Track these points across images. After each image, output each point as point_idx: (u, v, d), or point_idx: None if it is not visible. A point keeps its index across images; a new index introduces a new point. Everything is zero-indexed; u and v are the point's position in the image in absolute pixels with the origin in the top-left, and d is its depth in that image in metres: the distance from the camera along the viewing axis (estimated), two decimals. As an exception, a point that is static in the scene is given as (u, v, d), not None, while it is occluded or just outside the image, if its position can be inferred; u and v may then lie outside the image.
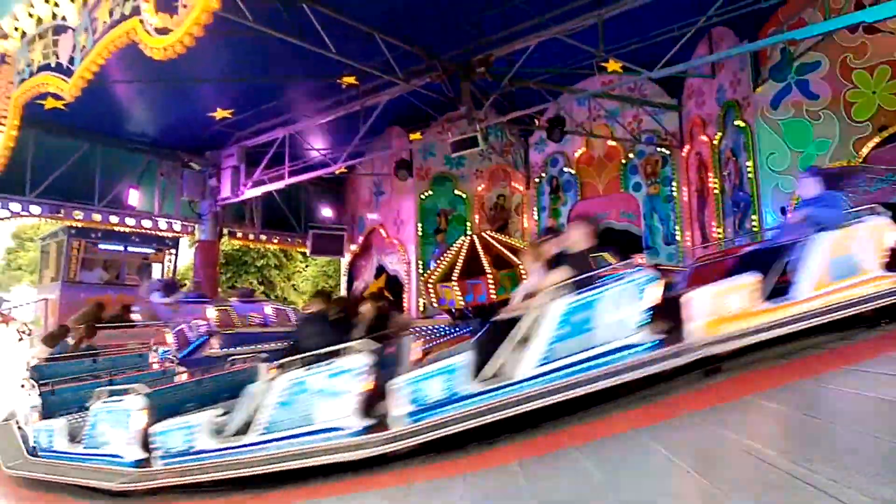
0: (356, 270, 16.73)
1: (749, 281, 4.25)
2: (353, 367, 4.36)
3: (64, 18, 6.80)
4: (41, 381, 6.63)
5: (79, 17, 6.61)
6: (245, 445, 4.64)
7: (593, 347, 4.05)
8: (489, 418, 4.01)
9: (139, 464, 5.15)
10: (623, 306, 4.05)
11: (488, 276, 10.30)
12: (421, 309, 13.93)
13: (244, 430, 4.73)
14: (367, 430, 4.32)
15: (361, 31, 8.95)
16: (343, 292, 17.40)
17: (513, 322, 4.37)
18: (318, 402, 4.42)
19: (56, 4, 6.82)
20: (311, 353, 4.64)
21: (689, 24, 8.56)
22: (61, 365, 7.51)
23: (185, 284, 15.74)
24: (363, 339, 4.63)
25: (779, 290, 4.42)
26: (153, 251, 15.25)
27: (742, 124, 9.49)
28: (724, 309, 4.12)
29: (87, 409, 5.99)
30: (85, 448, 5.68)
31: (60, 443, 5.93)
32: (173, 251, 15.51)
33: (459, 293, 10.46)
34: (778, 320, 4.17)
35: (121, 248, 14.71)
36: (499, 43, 9.85)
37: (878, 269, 4.45)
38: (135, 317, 11.87)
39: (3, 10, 7.52)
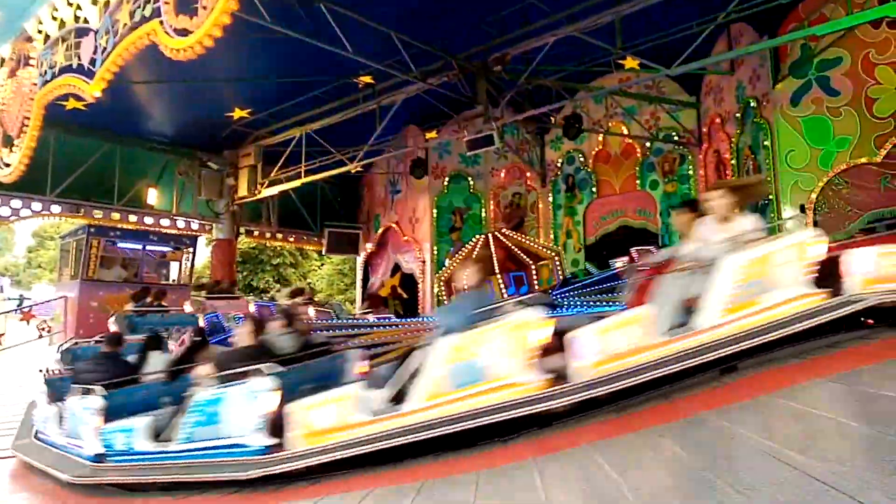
0: (371, 269, 16.78)
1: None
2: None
3: (86, 21, 6.89)
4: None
5: (100, 19, 6.69)
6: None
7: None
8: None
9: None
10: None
11: (497, 275, 10.27)
12: (436, 307, 13.95)
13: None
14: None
15: (378, 31, 8.98)
16: (358, 290, 17.48)
17: None
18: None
19: (78, 7, 6.92)
20: None
21: (708, 21, 8.48)
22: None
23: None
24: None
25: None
26: (171, 250, 15.40)
27: (761, 121, 9.40)
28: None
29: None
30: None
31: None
32: (191, 250, 15.65)
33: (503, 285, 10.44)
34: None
35: (139, 246, 14.87)
36: (515, 41, 9.84)
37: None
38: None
39: (28, 14, 7.63)
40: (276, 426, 4.55)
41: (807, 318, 3.94)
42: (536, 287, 10.35)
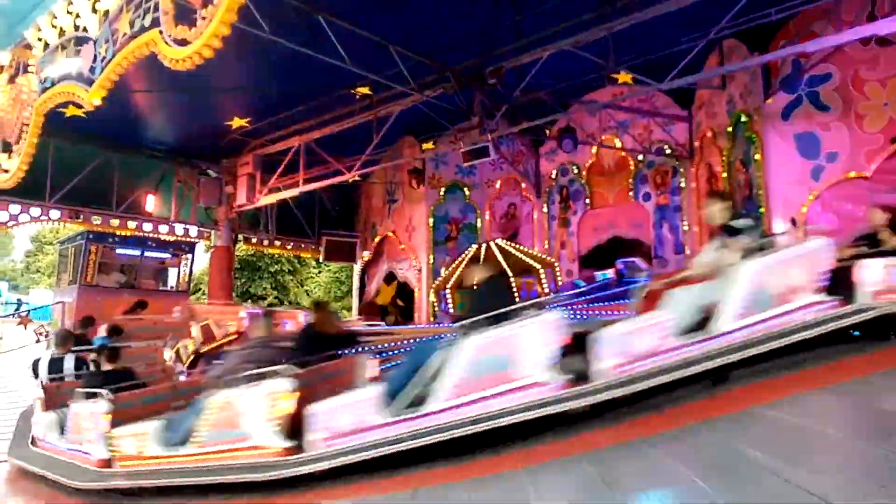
0: (368, 277, 16.86)
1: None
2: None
3: (85, 30, 6.99)
4: None
5: (100, 28, 6.80)
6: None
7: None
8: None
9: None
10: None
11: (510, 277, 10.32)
12: (431, 316, 14.01)
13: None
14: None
15: (376, 43, 9.10)
16: (355, 298, 17.54)
17: None
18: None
19: (78, 16, 7.02)
20: None
21: (700, 36, 8.60)
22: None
23: None
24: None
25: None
26: (169, 256, 15.47)
27: (752, 135, 9.50)
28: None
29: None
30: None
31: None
32: (189, 256, 15.73)
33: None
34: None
35: (138, 252, 14.94)
36: (510, 55, 9.96)
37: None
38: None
39: (27, 21, 7.74)
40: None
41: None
42: (545, 292, 10.47)
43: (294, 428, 4.42)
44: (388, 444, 4.07)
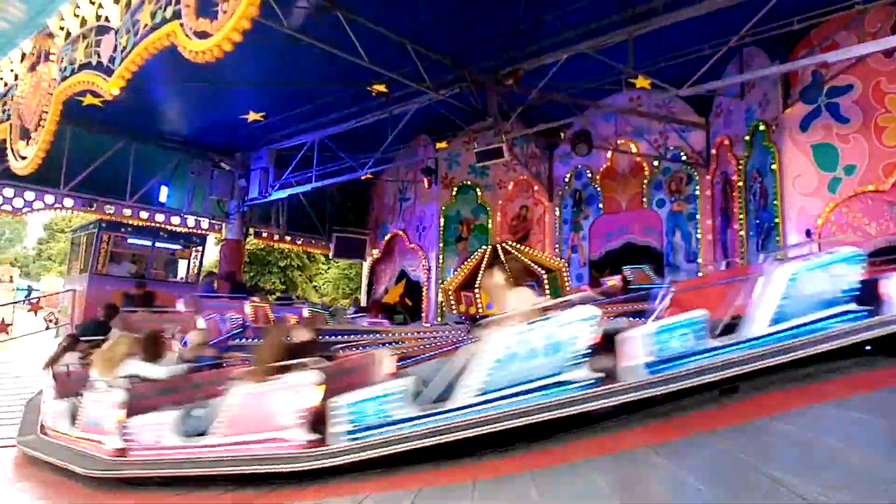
0: (377, 275, 16.87)
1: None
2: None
3: (107, 19, 7.00)
4: None
5: (121, 18, 6.81)
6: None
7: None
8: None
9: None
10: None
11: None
12: (439, 316, 14.01)
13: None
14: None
15: (393, 41, 9.10)
16: (364, 295, 17.55)
17: None
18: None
19: (100, 6, 7.03)
20: None
21: (720, 43, 8.55)
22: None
23: None
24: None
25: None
26: (180, 247, 15.52)
27: (770, 145, 9.44)
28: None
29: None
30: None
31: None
32: (200, 248, 15.76)
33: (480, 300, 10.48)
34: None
35: (149, 242, 14.99)
36: (528, 56, 9.94)
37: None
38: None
39: (50, 10, 7.77)
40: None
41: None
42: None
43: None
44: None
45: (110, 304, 10.34)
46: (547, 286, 10.17)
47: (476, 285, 10.48)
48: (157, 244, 15.11)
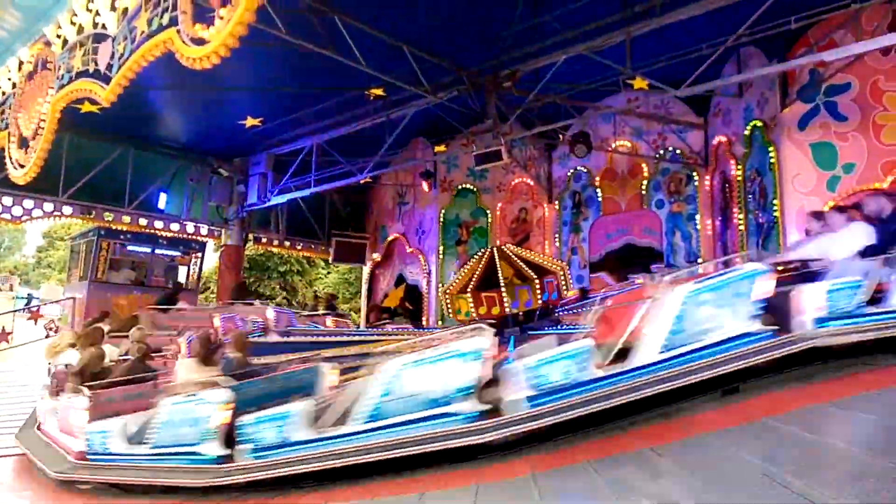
0: (377, 279, 16.85)
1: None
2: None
3: (104, 27, 7.00)
4: None
5: (118, 26, 6.81)
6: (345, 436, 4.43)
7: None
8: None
9: (222, 460, 4.83)
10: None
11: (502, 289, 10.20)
12: (440, 320, 13.99)
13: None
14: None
15: (390, 44, 9.09)
16: (364, 300, 17.53)
17: None
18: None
19: (97, 13, 7.03)
20: None
21: (718, 43, 8.54)
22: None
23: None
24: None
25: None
26: (180, 254, 15.51)
27: (768, 144, 9.43)
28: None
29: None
30: (152, 448, 5.24)
31: (117, 445, 5.47)
32: (199, 255, 15.76)
33: (473, 304, 10.39)
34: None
35: (149, 249, 15.00)
36: (526, 58, 9.94)
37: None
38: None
39: (47, 18, 7.77)
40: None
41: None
42: (540, 301, 10.30)
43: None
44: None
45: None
46: (538, 292, 10.11)
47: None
48: (157, 251, 15.11)
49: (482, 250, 11.70)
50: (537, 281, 10.10)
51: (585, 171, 13.74)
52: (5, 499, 5.94)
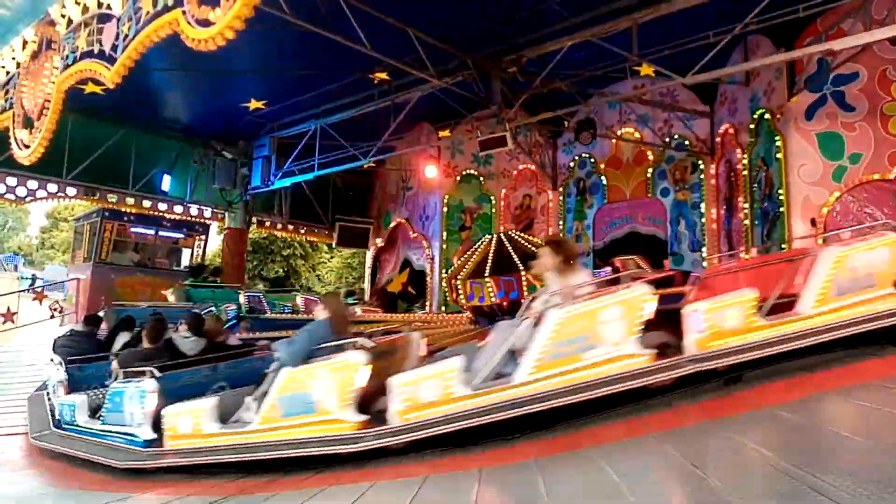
0: (380, 263, 16.88)
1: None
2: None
3: (109, 7, 6.98)
4: None
5: (123, 6, 6.79)
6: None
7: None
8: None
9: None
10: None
11: (522, 273, 10.21)
12: (442, 305, 14.01)
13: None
14: None
15: (396, 28, 9.03)
16: (367, 284, 17.58)
17: None
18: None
19: (102, -7, 7.02)
20: None
21: (725, 31, 8.49)
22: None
23: None
24: None
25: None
26: (183, 236, 15.56)
27: (775, 134, 9.38)
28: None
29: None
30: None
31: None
32: (203, 237, 15.81)
33: (493, 289, 10.40)
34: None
35: (152, 231, 15.04)
36: (532, 43, 9.87)
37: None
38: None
39: (51, -2, 7.76)
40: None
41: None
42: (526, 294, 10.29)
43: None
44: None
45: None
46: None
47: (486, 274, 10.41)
48: (161, 233, 15.16)
49: (486, 237, 11.71)
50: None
51: (590, 158, 13.70)
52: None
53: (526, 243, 10.52)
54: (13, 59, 9.14)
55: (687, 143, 12.24)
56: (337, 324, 4.95)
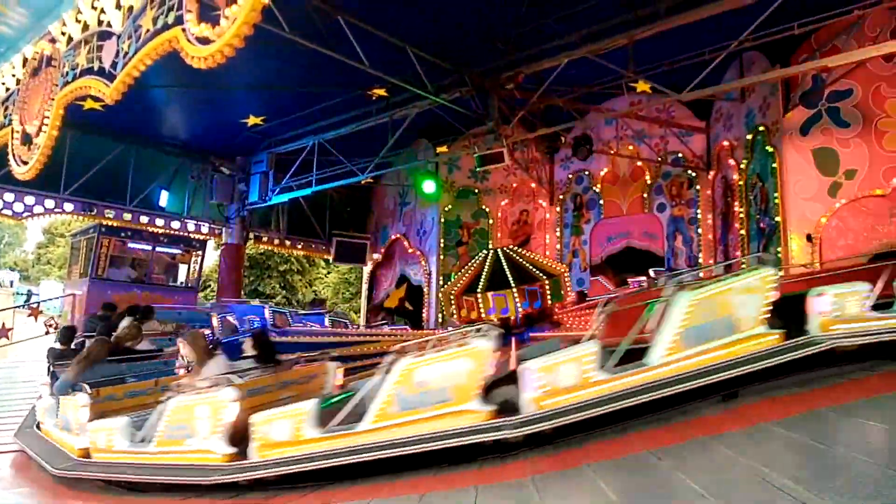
0: (377, 279, 16.86)
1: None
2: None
3: (109, 25, 7.01)
4: None
5: (123, 23, 6.82)
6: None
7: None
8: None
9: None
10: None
11: (513, 289, 10.20)
12: (440, 320, 13.98)
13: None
14: None
15: (394, 45, 9.10)
16: (364, 300, 17.54)
17: None
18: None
19: (102, 11, 7.04)
20: None
21: (721, 48, 8.57)
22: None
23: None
24: None
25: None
26: (181, 252, 15.48)
27: (770, 149, 9.45)
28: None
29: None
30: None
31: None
32: (200, 253, 15.73)
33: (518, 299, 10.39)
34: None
35: (149, 247, 14.95)
36: (529, 60, 9.95)
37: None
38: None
39: (52, 15, 7.78)
40: None
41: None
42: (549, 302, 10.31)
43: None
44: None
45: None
46: (548, 291, 10.13)
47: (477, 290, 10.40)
48: (158, 249, 15.08)
49: (483, 252, 11.71)
50: (547, 281, 10.10)
51: (587, 173, 13.77)
52: (5, 497, 5.96)
53: (519, 258, 10.55)
54: (13, 75, 9.17)
55: (683, 158, 12.31)
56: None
